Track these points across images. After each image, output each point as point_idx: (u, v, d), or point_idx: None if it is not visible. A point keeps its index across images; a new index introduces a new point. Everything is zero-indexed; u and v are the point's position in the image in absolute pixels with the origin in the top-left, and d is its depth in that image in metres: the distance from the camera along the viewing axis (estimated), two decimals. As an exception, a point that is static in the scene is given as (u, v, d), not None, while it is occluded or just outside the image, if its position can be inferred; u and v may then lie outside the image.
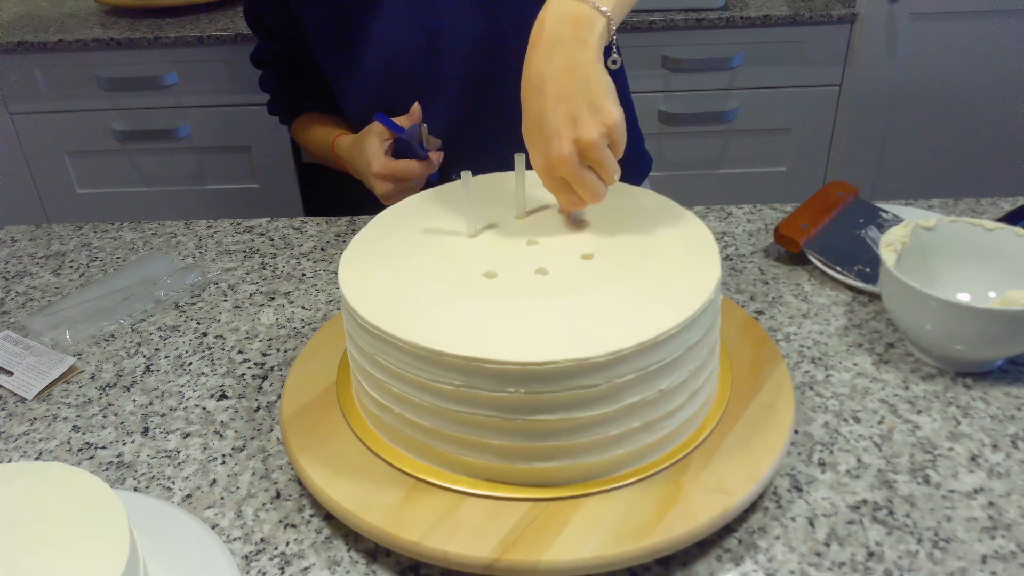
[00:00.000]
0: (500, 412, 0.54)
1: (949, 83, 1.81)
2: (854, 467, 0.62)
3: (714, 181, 1.92)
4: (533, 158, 0.64)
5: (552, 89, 0.62)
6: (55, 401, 0.73)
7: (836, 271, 0.83)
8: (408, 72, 0.96)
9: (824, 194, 0.91)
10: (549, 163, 0.63)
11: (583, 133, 0.61)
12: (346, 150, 0.99)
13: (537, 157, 0.64)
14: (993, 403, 0.68)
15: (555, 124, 0.62)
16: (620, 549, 0.52)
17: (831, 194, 0.91)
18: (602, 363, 0.53)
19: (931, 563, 0.54)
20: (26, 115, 1.83)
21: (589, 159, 0.62)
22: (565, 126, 0.61)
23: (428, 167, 0.92)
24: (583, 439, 0.55)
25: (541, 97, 0.62)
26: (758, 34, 1.74)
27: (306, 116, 1.09)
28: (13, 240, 1.01)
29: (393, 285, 0.61)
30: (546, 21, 0.64)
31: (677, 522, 0.54)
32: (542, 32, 0.64)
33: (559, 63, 0.62)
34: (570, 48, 0.62)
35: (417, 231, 0.67)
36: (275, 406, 0.71)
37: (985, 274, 0.75)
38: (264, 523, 0.60)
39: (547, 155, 0.62)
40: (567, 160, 0.61)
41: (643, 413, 0.56)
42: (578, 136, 0.61)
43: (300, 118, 1.10)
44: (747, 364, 0.67)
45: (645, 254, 0.62)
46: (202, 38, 1.73)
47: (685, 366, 0.57)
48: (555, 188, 0.65)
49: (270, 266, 0.92)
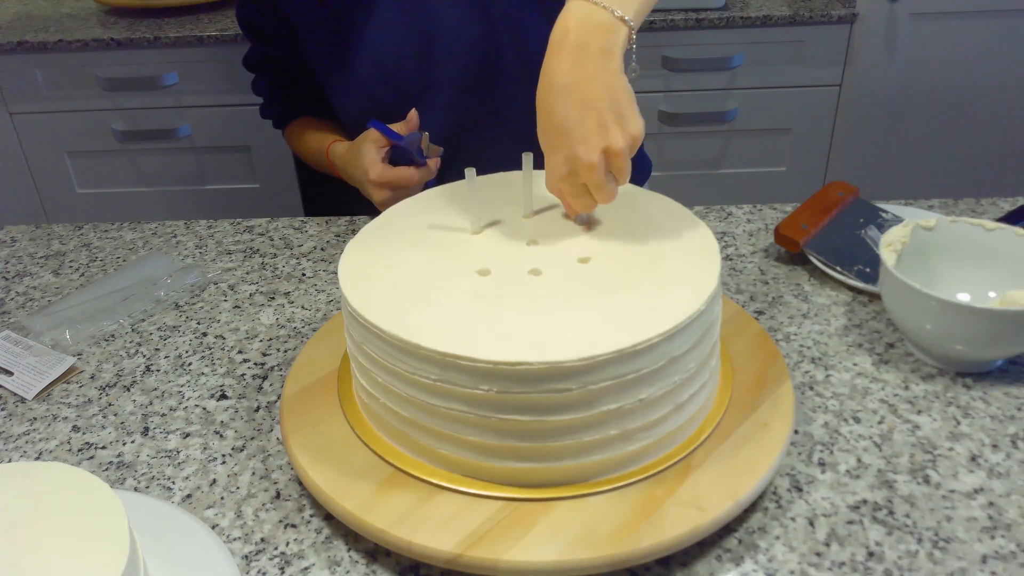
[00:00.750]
0: (474, 409, 0.54)
1: (949, 83, 1.81)
2: (854, 467, 0.62)
3: (714, 181, 1.92)
4: (553, 161, 0.64)
5: (580, 95, 0.62)
6: (55, 401, 0.73)
7: (836, 271, 0.83)
8: (402, 75, 0.96)
9: (824, 194, 0.91)
10: (574, 168, 0.63)
11: (612, 142, 0.61)
12: (341, 157, 0.99)
13: (559, 162, 0.63)
14: (993, 403, 0.68)
15: (583, 131, 0.62)
16: (580, 556, 0.52)
17: (831, 194, 0.91)
18: (575, 368, 0.52)
19: (931, 563, 0.54)
20: (26, 115, 1.83)
21: (612, 166, 0.63)
22: (593, 133, 0.61)
23: (426, 174, 0.92)
24: (557, 443, 0.55)
25: (568, 102, 0.62)
26: (758, 34, 1.74)
27: (300, 121, 1.09)
28: (13, 240, 1.01)
29: (387, 275, 0.62)
30: (570, 26, 0.63)
31: (644, 535, 0.53)
32: (567, 37, 0.63)
33: (587, 70, 0.62)
34: (597, 56, 0.62)
35: (424, 224, 0.68)
36: (275, 406, 0.71)
37: (985, 274, 0.75)
38: (264, 523, 0.60)
39: (573, 160, 0.62)
40: (595, 167, 0.62)
41: (620, 422, 0.55)
42: (608, 145, 0.61)
43: (294, 123, 1.09)
44: (751, 380, 0.66)
45: (644, 262, 0.62)
46: (202, 38, 1.72)
47: (668, 377, 0.56)
48: (571, 192, 0.65)
49: (270, 266, 0.92)
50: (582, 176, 0.63)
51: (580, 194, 0.65)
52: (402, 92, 0.96)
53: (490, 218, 0.69)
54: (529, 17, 0.87)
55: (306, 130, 1.07)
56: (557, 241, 0.65)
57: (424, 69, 0.96)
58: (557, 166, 0.64)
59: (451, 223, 0.68)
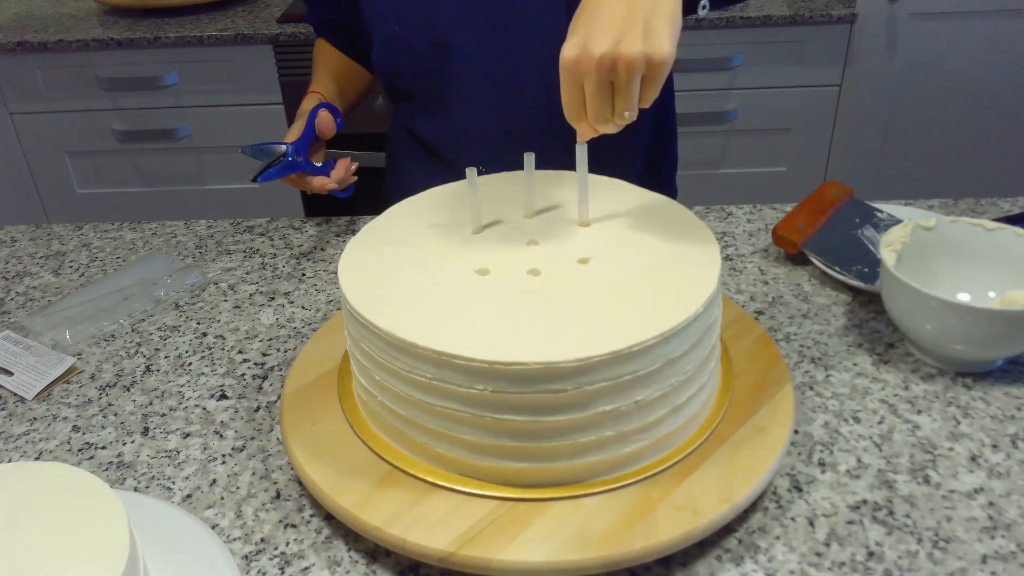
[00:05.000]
0: (469, 408, 0.55)
1: (949, 83, 1.81)
2: (854, 467, 0.62)
3: (714, 181, 1.92)
4: (567, 46, 0.59)
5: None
6: (55, 401, 0.73)
7: (835, 271, 0.83)
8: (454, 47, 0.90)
9: (820, 194, 0.91)
10: (578, 57, 0.58)
11: (625, 46, 0.56)
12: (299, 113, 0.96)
13: (571, 47, 0.58)
14: (993, 403, 0.68)
15: (603, 22, 0.57)
16: (573, 557, 0.52)
17: (827, 194, 0.91)
18: (570, 369, 0.52)
19: (931, 563, 0.54)
20: (26, 115, 1.83)
21: (616, 75, 0.57)
22: (611, 28, 0.57)
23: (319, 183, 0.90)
24: (552, 443, 0.55)
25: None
26: (758, 34, 1.74)
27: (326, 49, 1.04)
28: (13, 240, 1.01)
29: (387, 273, 0.62)
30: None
31: (638, 537, 0.53)
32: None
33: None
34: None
35: (425, 224, 0.68)
36: (275, 406, 0.71)
37: (985, 274, 0.75)
38: (264, 523, 0.60)
39: (582, 47, 0.57)
40: (598, 62, 0.56)
41: (616, 423, 0.55)
42: (618, 46, 0.56)
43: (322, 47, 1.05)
44: (751, 384, 0.65)
45: (644, 264, 0.62)
46: (202, 38, 1.73)
47: (665, 379, 0.56)
48: (569, 88, 0.60)
49: (270, 266, 0.92)
50: (583, 68, 0.57)
51: (574, 93, 0.59)
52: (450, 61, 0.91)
53: (491, 218, 0.69)
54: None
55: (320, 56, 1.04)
56: (557, 242, 0.65)
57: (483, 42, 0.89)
58: (568, 49, 0.58)
59: (452, 222, 0.68)
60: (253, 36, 1.73)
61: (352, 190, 0.96)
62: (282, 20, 1.78)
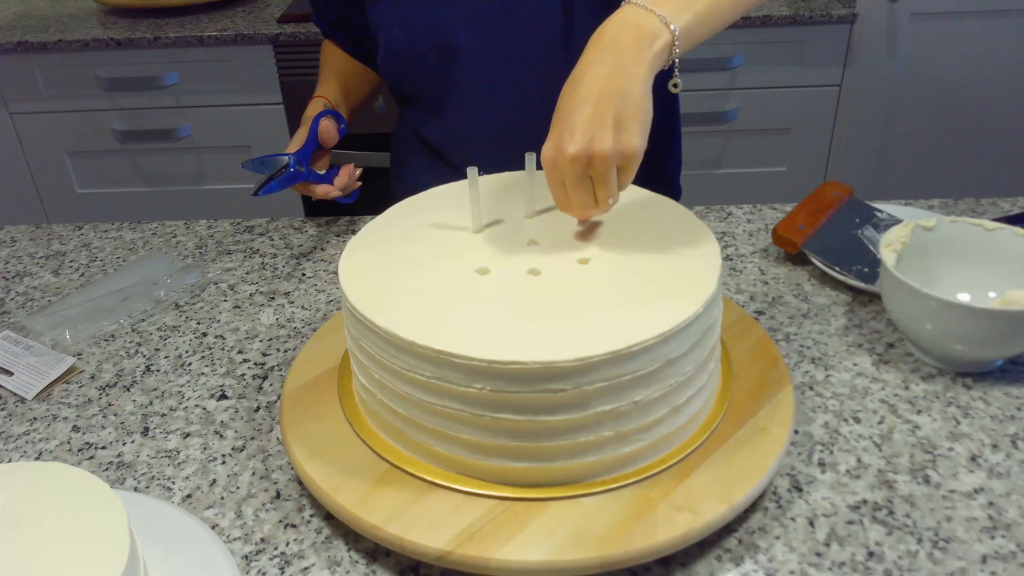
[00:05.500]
0: (468, 407, 0.55)
1: (949, 83, 1.81)
2: (854, 467, 0.62)
3: (714, 181, 1.92)
4: (545, 147, 0.63)
5: (587, 89, 0.61)
6: (55, 401, 0.73)
7: (835, 271, 0.83)
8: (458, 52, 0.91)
9: (819, 194, 0.91)
10: (555, 158, 0.61)
11: (598, 144, 0.59)
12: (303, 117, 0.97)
13: (549, 147, 0.62)
14: (993, 403, 0.68)
15: (575, 122, 0.60)
16: (571, 557, 0.52)
17: (826, 194, 0.91)
18: (569, 368, 0.52)
19: (931, 563, 0.54)
20: (26, 115, 1.83)
21: (593, 170, 0.61)
22: (583, 128, 0.60)
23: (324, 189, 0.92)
24: (550, 443, 0.55)
25: (575, 92, 0.61)
26: (758, 34, 1.74)
27: (332, 51, 1.05)
28: (13, 240, 1.01)
29: (387, 272, 0.62)
30: (608, 26, 0.63)
31: (636, 537, 0.53)
32: (602, 35, 0.63)
33: (606, 67, 0.61)
34: (622, 55, 0.61)
35: (426, 223, 0.68)
36: (275, 406, 0.71)
37: (985, 274, 0.75)
38: (264, 523, 0.60)
39: (556, 148, 0.61)
40: (572, 161, 0.60)
41: (615, 423, 0.55)
42: (591, 144, 0.60)
43: (329, 48, 1.05)
44: (752, 384, 0.65)
45: (644, 264, 0.62)
46: (202, 38, 1.73)
47: (664, 380, 0.56)
48: (552, 183, 0.64)
49: (270, 266, 0.92)
50: (560, 166, 0.61)
51: (559, 189, 0.63)
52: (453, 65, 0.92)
53: (491, 217, 0.69)
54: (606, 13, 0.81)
55: (328, 60, 1.05)
56: (557, 242, 0.65)
57: (485, 47, 0.90)
58: (546, 149, 0.62)
59: (452, 222, 0.68)
60: (253, 36, 1.73)
61: (356, 196, 0.96)
62: (282, 20, 1.78)
